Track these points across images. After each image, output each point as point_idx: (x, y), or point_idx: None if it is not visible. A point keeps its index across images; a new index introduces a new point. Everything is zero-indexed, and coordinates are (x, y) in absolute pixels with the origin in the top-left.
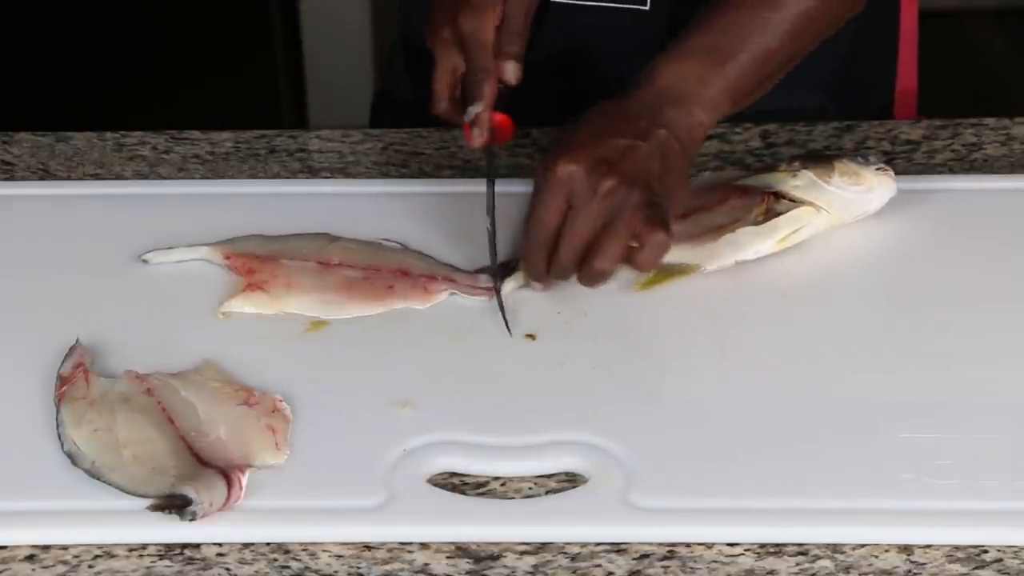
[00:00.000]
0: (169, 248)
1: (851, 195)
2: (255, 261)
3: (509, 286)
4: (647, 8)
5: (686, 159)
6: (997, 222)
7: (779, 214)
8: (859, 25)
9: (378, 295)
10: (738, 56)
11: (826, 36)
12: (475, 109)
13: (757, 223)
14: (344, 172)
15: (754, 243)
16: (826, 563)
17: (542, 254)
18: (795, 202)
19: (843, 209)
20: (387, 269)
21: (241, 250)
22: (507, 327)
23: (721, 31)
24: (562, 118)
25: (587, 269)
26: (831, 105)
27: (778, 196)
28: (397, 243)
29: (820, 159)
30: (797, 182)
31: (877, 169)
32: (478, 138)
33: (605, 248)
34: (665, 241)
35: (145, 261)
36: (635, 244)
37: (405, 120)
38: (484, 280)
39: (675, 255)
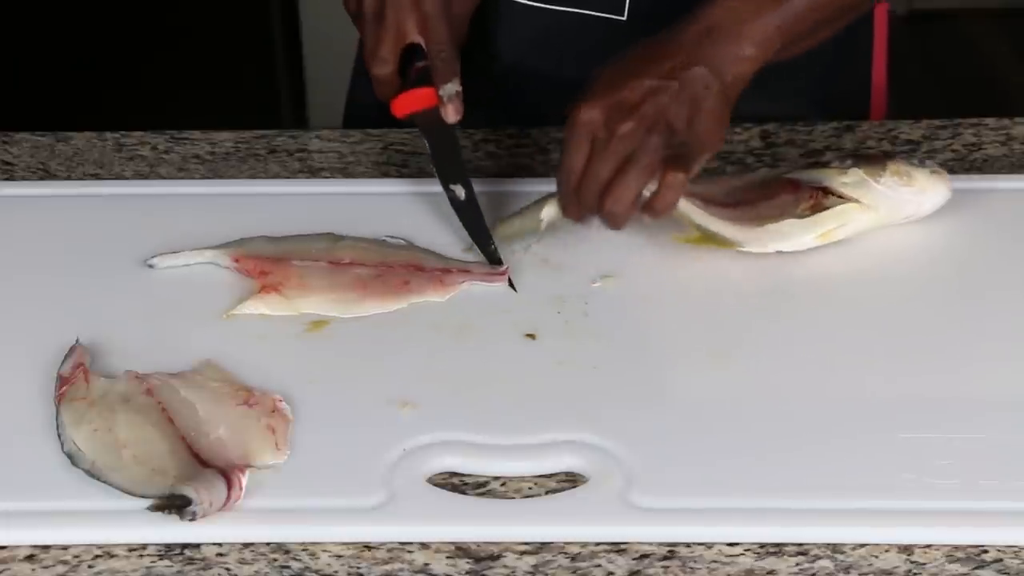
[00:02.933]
0: (175, 252)
1: (902, 195)
2: (266, 263)
3: (546, 213)
4: (624, 19)
5: (724, 97)
6: None
7: (825, 209)
8: (840, 33)
9: (394, 291)
10: (790, 6)
11: (863, 9)
12: (453, 87)
13: (803, 216)
14: (344, 172)
15: (796, 234)
16: (826, 563)
17: (572, 196)
18: (843, 199)
19: (892, 209)
20: (399, 265)
21: (250, 252)
22: (512, 287)
23: None
24: (536, 122)
25: (604, 211)
26: (814, 112)
27: (827, 192)
28: (402, 239)
29: (874, 158)
30: (846, 179)
31: (931, 172)
32: (455, 115)
33: (617, 191)
34: (681, 181)
35: (151, 266)
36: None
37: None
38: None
39: (718, 226)
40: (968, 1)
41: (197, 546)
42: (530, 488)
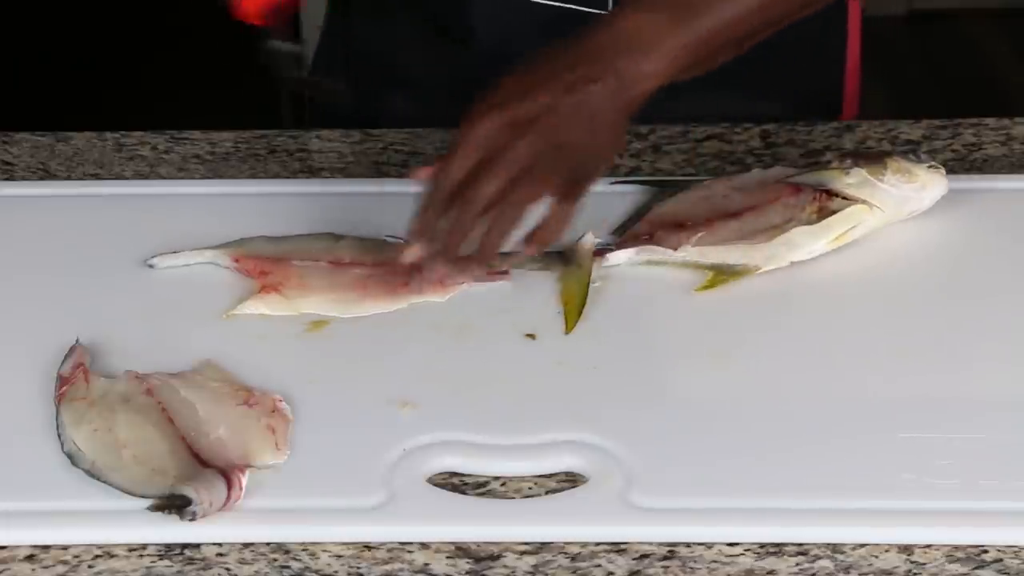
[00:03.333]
0: (175, 252)
1: (904, 193)
2: (266, 263)
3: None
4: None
5: (627, 111)
6: None
7: (832, 212)
8: (814, 33)
9: (394, 291)
10: (709, 13)
11: (798, 16)
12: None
13: (811, 222)
14: (344, 172)
15: (808, 243)
16: (826, 563)
17: (437, 208)
18: (848, 200)
19: (896, 207)
20: (400, 264)
21: (250, 252)
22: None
23: None
24: None
25: (483, 235)
26: (788, 112)
27: (830, 194)
28: (402, 239)
29: (872, 157)
30: (850, 180)
31: (929, 167)
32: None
33: (500, 213)
34: (570, 214)
35: (151, 266)
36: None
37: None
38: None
39: (731, 256)
40: (968, 1)
41: (197, 546)
42: (530, 488)
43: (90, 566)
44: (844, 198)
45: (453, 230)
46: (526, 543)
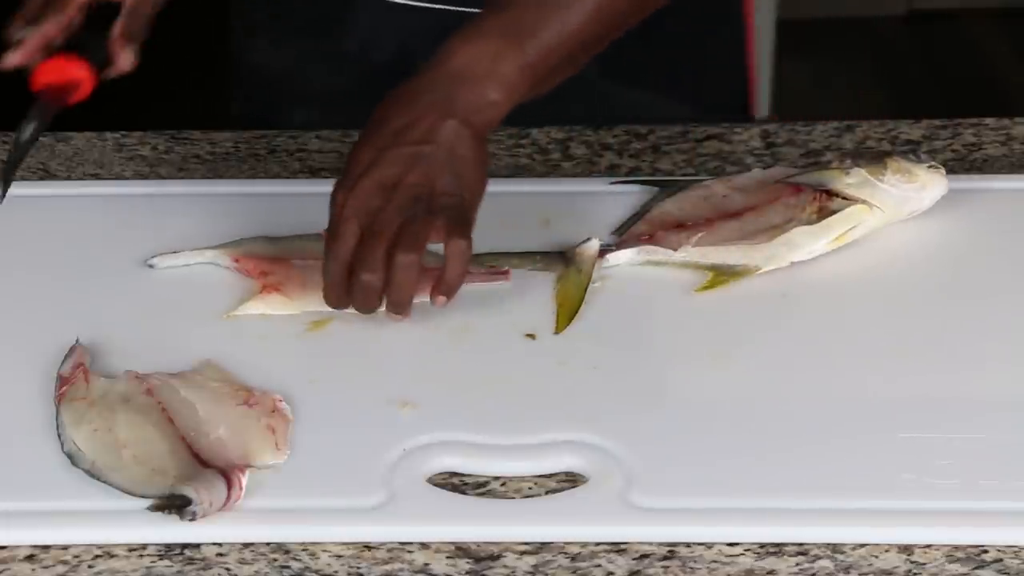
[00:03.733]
0: (175, 252)
1: (904, 193)
2: (266, 263)
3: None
4: None
5: (480, 145)
6: None
7: (832, 212)
8: (715, 34)
9: None
10: (538, 34)
11: (633, 23)
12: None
13: (811, 222)
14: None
15: (808, 243)
16: (826, 563)
17: (342, 288)
18: (848, 200)
19: (896, 207)
20: None
21: (250, 252)
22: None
23: (520, 7)
24: None
25: (389, 298)
26: (698, 112)
27: (830, 194)
28: None
29: (872, 157)
30: (850, 180)
31: (929, 167)
32: (10, 58)
33: (397, 276)
34: (465, 248)
35: (151, 266)
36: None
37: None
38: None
39: (732, 256)
40: (968, 1)
41: (197, 546)
42: (530, 488)
43: (90, 566)
44: (844, 198)
45: (364, 296)
46: (526, 543)
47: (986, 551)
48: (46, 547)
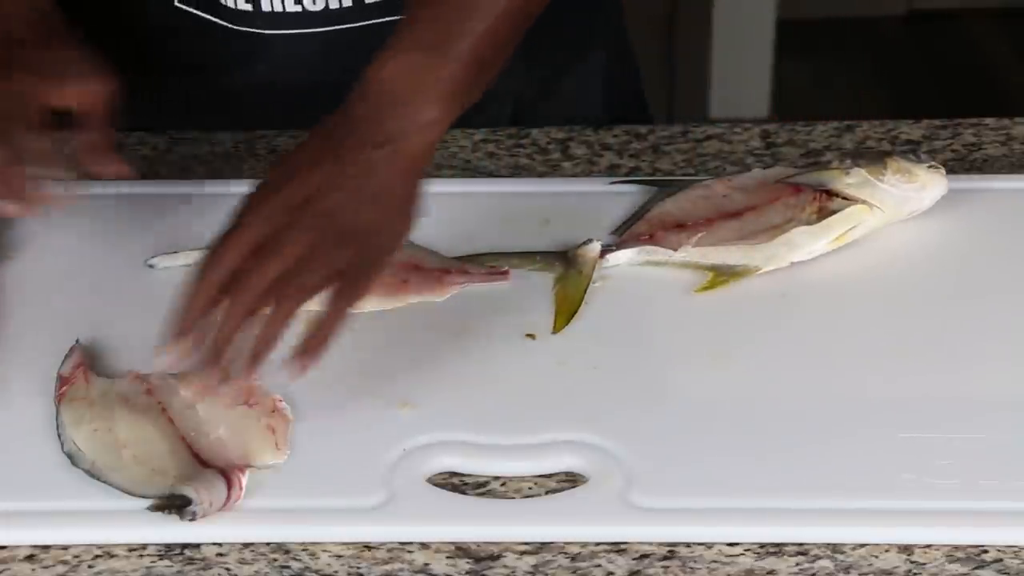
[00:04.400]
0: (175, 252)
1: (904, 193)
2: None
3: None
4: None
5: (409, 176)
6: None
7: (832, 212)
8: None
9: (393, 290)
10: (459, 36)
11: (534, 16)
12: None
13: (811, 222)
14: None
15: (808, 243)
16: (826, 563)
17: (201, 304)
18: (848, 200)
19: (897, 207)
20: (399, 264)
21: None
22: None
23: (437, 20)
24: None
25: (253, 340)
26: (604, 116)
27: (830, 194)
28: None
29: (872, 157)
30: (850, 180)
31: (929, 167)
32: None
33: (269, 320)
34: (342, 316)
35: (151, 266)
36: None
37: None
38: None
39: (732, 256)
40: (968, 1)
41: (197, 546)
42: (530, 488)
43: (90, 566)
44: (844, 198)
45: (220, 330)
46: (526, 543)
47: (986, 551)
48: (46, 547)
